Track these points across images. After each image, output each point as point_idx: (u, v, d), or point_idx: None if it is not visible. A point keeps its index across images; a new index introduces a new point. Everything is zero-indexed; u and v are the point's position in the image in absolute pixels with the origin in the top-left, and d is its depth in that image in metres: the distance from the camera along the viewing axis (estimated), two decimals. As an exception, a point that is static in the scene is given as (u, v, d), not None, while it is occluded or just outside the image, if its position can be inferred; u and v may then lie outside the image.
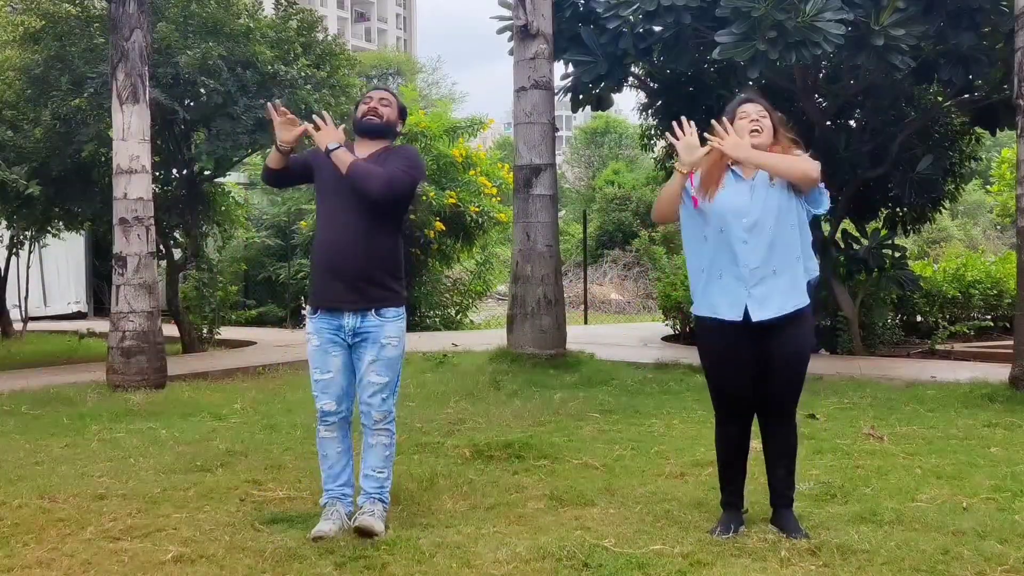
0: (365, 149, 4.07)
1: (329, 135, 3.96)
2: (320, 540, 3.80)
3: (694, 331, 4.15)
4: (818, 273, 3.99)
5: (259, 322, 16.22)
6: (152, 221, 8.67)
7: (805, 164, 3.83)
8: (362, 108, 4.14)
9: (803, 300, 3.86)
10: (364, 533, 3.83)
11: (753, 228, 3.79)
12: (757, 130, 3.88)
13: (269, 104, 4.13)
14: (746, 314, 3.78)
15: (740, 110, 3.95)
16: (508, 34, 9.80)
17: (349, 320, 3.96)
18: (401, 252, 4.14)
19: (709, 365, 4.01)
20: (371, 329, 3.97)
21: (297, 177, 4.34)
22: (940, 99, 11.04)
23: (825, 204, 3.93)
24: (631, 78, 11.00)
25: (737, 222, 3.79)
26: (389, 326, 4.00)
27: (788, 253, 3.83)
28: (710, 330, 3.93)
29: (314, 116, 4.05)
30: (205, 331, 12.72)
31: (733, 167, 3.90)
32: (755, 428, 4.00)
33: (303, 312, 18.51)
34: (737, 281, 3.80)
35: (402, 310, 4.07)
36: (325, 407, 4.05)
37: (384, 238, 4.02)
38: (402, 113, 4.22)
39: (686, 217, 3.97)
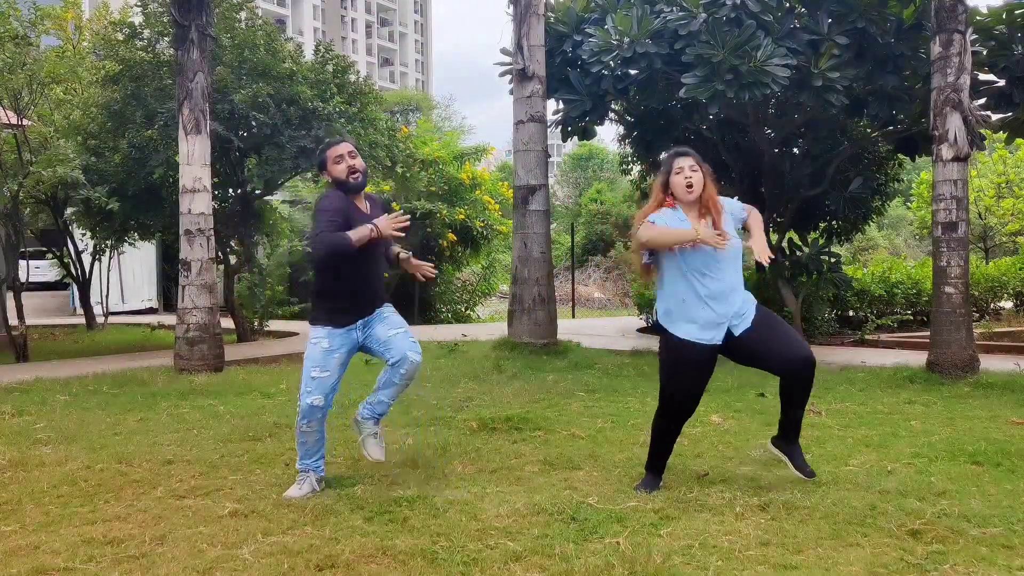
0: (359, 202, 4.00)
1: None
2: (289, 500, 3.83)
3: (666, 344, 3.92)
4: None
5: (301, 316, 16.18)
6: (212, 232, 8.67)
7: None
8: (341, 168, 3.95)
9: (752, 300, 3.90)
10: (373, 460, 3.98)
11: (717, 264, 3.79)
12: (691, 185, 3.83)
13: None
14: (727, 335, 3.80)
15: (676, 165, 3.87)
16: (508, 76, 9.81)
17: (360, 322, 4.00)
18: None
19: (676, 377, 3.87)
20: (373, 316, 4.03)
21: None
22: (869, 130, 11.03)
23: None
24: (611, 113, 10.99)
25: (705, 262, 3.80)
26: (383, 308, 4.09)
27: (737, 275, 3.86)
28: (685, 349, 3.82)
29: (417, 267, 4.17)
30: (256, 324, 12.73)
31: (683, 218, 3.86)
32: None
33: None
34: (712, 312, 3.78)
35: None
36: (314, 402, 3.88)
37: (383, 268, 4.13)
38: (357, 150, 4.13)
39: (667, 256, 3.87)
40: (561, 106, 10.31)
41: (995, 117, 9.50)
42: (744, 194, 11.35)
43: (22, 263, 11.87)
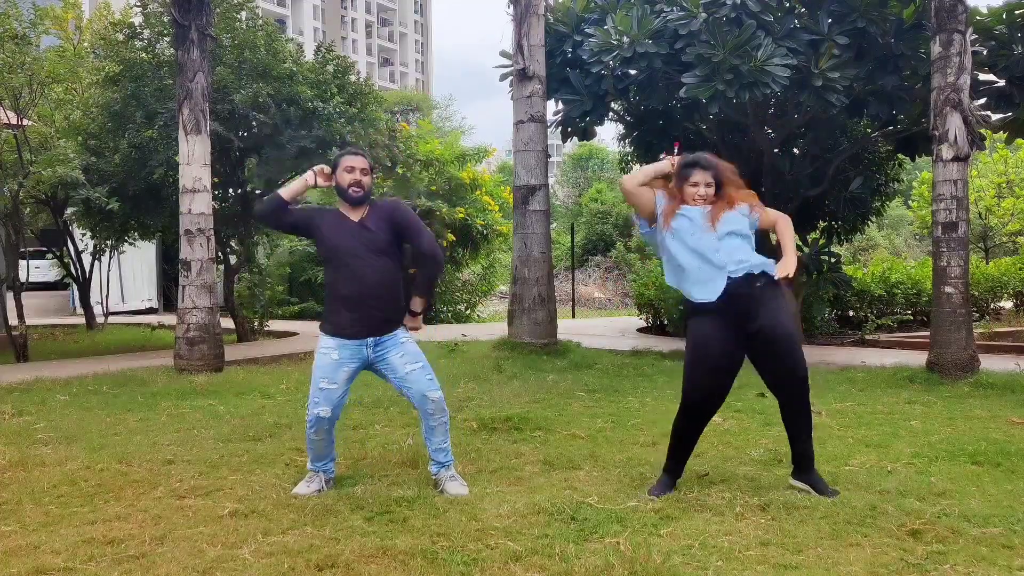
0: (356, 213, 3.97)
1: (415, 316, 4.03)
2: (297, 497, 3.86)
3: (686, 321, 3.97)
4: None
5: (301, 316, 16.22)
6: (212, 232, 8.66)
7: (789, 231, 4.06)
8: (347, 178, 3.93)
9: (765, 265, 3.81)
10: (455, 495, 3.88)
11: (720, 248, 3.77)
12: (699, 201, 3.84)
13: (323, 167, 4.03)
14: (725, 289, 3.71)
15: (691, 178, 3.87)
16: (509, 78, 9.80)
17: (370, 339, 3.94)
18: (400, 280, 4.09)
19: (694, 358, 3.79)
20: (387, 338, 3.96)
21: (296, 228, 4.13)
22: (869, 130, 11.04)
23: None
24: (611, 113, 10.99)
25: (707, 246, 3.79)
26: (399, 332, 4.00)
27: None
28: (704, 314, 3.77)
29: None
30: (256, 324, 12.73)
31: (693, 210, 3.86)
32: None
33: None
34: (712, 271, 3.75)
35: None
36: (320, 413, 3.90)
37: (393, 280, 3.95)
38: (371, 170, 4.07)
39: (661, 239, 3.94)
40: (561, 106, 10.32)
41: (995, 117, 9.51)
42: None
43: (22, 263, 11.87)
